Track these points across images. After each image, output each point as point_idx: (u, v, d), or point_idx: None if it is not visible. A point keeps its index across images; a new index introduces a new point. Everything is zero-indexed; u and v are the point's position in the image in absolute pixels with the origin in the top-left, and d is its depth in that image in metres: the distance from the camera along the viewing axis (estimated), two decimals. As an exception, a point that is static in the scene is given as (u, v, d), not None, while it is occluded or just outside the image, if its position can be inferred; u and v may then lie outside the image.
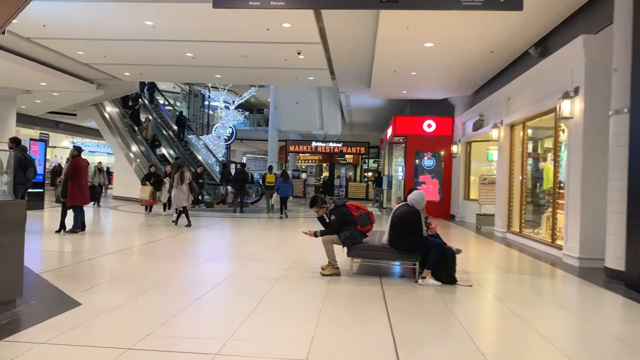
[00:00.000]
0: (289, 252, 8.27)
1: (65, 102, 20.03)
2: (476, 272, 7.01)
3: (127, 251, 7.71)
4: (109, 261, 6.84)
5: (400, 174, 18.07)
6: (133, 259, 7.17)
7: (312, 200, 6.50)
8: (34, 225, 10.61)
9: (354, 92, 18.16)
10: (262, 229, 12.33)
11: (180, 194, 11.14)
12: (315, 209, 6.49)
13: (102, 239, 9.12)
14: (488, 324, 4.88)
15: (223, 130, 25.20)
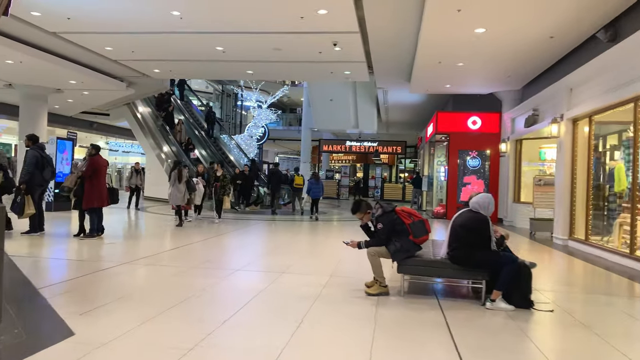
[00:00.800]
0: (325, 263, 7.28)
1: (97, 101, 19.66)
2: (548, 291, 5.85)
3: (147, 260, 6.88)
4: (123, 272, 6.01)
5: (442, 175, 16.85)
6: (151, 270, 6.32)
7: (355, 205, 5.47)
8: (58, 228, 9.99)
9: (392, 88, 17.05)
10: (296, 234, 11.40)
11: (177, 193, 10.89)
12: (359, 215, 5.46)
13: (121, 244, 8.35)
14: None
15: (255, 129, 24.46)
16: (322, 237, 10.73)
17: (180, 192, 10.90)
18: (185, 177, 11.15)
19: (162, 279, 5.75)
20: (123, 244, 8.38)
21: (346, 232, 12.02)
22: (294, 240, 10.13)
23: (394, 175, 34.04)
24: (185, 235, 9.77)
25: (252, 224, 12.72)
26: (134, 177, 16.42)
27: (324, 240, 10.17)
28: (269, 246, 9.08)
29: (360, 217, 5.46)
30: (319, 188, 15.33)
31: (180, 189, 10.92)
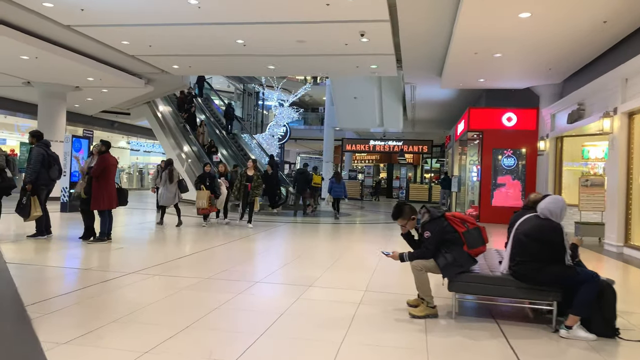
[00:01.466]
0: (357, 274, 6.39)
1: (116, 99, 19.16)
2: (630, 312, 4.86)
3: (157, 269, 6.11)
4: (128, 285, 5.24)
5: (474, 175, 15.80)
6: (160, 281, 5.53)
7: (397, 210, 4.57)
8: (70, 230, 9.33)
9: (421, 83, 16.07)
10: (322, 238, 10.56)
11: (167, 193, 10.78)
12: (401, 221, 4.57)
13: (130, 250, 7.57)
14: None
15: (277, 128, 23.72)
16: (350, 241, 9.85)
17: (171, 193, 10.72)
18: (177, 178, 10.93)
19: (171, 293, 4.96)
20: (134, 250, 7.64)
21: (375, 236, 11.13)
22: (321, 245, 9.28)
23: (418, 175, 32.92)
24: (203, 239, 9.01)
25: (275, 227, 11.92)
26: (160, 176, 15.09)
27: (353, 245, 9.28)
28: (294, 252, 8.24)
29: (403, 223, 4.56)
30: (341, 188, 15.03)
31: (171, 189, 10.72)
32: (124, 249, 7.54)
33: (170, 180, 10.83)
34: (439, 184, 26.40)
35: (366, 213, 18.25)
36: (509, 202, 14.59)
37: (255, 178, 11.58)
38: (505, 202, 14.88)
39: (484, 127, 15.13)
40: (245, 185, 11.45)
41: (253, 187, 11.46)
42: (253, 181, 11.49)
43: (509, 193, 14.82)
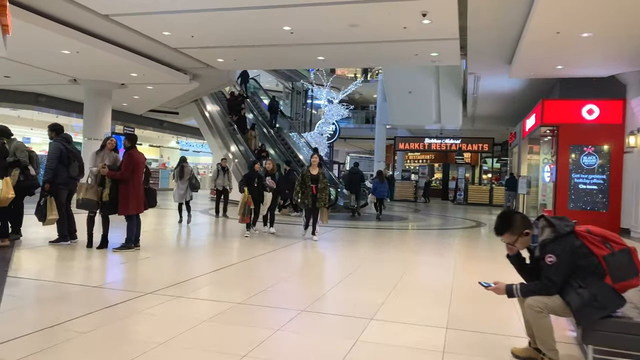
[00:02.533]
0: (432, 301, 4.96)
1: (162, 97, 18.53)
2: None
3: (179, 288, 4.96)
4: (135, 312, 4.10)
5: (547, 175, 13.92)
6: (178, 306, 4.35)
7: (504, 221, 3.16)
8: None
9: (487, 73, 14.35)
10: (378, 248, 9.20)
11: (179, 190, 10.71)
12: (509, 237, 3.14)
13: (156, 261, 6.48)
14: None
15: (326, 126, 22.49)
16: (413, 252, 8.41)
17: (182, 190, 10.62)
18: (189, 174, 10.75)
19: (188, 327, 3.75)
20: (160, 260, 6.55)
21: (441, 246, 9.64)
22: (377, 257, 7.85)
23: (476, 176, 30.76)
24: (242, 247, 7.85)
25: (328, 232, 10.66)
26: (221, 177, 13.36)
27: (417, 258, 7.82)
28: (346, 267, 6.91)
29: (511, 240, 3.15)
30: (384, 188, 14.65)
31: (181, 186, 10.60)
32: (150, 258, 6.49)
33: (181, 176, 10.71)
34: (501, 185, 24.32)
35: (423, 217, 16.68)
36: (590, 205, 12.68)
37: (321, 178, 9.11)
38: (585, 205, 12.97)
39: (559, 121, 13.25)
40: (310, 187, 8.96)
41: (319, 189, 9.02)
42: (319, 182, 9.02)
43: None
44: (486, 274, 6.28)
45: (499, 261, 7.81)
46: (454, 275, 6.02)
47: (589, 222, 3.60)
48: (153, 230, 10.07)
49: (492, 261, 7.52)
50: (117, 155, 6.83)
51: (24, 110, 19.57)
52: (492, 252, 8.86)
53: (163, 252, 7.05)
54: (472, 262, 7.33)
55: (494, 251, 8.94)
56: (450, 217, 16.29)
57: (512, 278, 3.28)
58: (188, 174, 10.89)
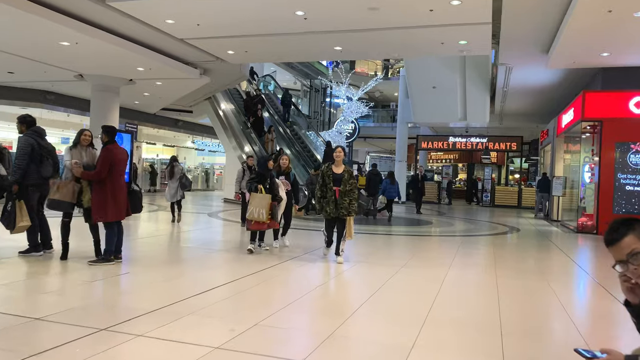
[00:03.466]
0: (478, 340, 3.80)
1: (173, 93, 17.65)
2: None
3: (150, 319, 3.85)
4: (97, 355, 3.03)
5: (587, 175, 12.50)
6: (137, 354, 3.28)
7: (616, 229, 1.87)
8: (83, 242, 7.47)
9: (520, 63, 13.01)
10: (400, 258, 8.04)
11: (169, 190, 10.82)
12: (629, 243, 1.84)
13: (134, 279, 5.40)
14: None
15: (345, 125, 21.33)
16: (444, 265, 7.17)
17: (172, 189, 10.65)
18: (179, 174, 10.72)
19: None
20: (139, 278, 5.44)
21: (475, 257, 8.40)
22: (404, 276, 6.37)
23: (502, 176, 29.15)
24: (243, 262, 6.70)
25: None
26: (247, 178, 11.47)
27: (451, 274, 6.56)
28: (363, 288, 5.74)
29: (624, 258, 1.91)
30: (395, 189, 14.36)
31: (172, 185, 10.63)
32: (129, 274, 5.44)
33: (171, 176, 10.75)
34: (531, 186, 22.77)
35: (448, 220, 15.37)
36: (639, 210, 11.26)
37: (347, 178, 6.83)
38: (633, 209, 11.56)
39: (603, 116, 11.85)
40: (333, 191, 6.74)
41: (343, 192, 6.74)
42: (343, 183, 6.77)
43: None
44: (544, 299, 5.06)
45: (556, 279, 6.60)
46: (500, 301, 4.84)
47: None
48: (148, 236, 9.09)
49: (544, 279, 6.29)
50: (95, 152, 5.81)
51: (34, 109, 18.88)
52: (540, 266, 7.60)
53: (147, 266, 5.95)
54: (519, 282, 6.10)
55: (542, 264, 7.68)
56: (478, 221, 14.96)
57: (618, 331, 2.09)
58: (178, 174, 10.84)
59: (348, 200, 6.68)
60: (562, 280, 6.74)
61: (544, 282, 6.03)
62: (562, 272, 7.33)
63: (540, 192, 16.87)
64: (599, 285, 6.11)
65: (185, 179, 10.92)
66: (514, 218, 16.75)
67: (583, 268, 7.82)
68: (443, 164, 28.88)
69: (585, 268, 7.89)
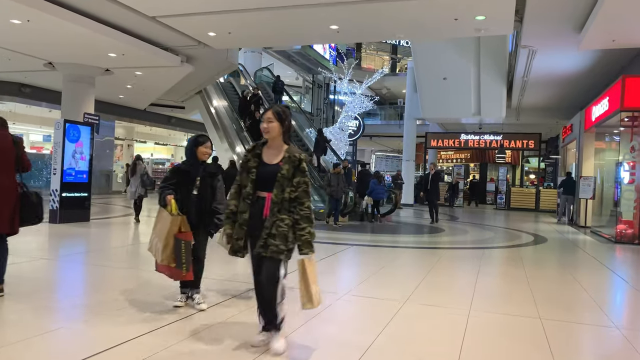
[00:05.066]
0: None
1: (157, 85, 15.93)
2: None
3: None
4: None
5: (626, 175, 10.52)
6: None
7: None
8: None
9: (546, 45, 11.11)
10: (416, 306, 6.21)
11: (131, 188, 10.68)
12: None
13: (16, 307, 3.64)
14: None
15: (348, 121, 19.46)
16: (468, 300, 5.31)
17: (133, 187, 10.51)
18: (140, 172, 10.56)
19: None
20: (21, 307, 3.69)
21: (502, 281, 6.53)
22: (407, 320, 4.80)
23: (517, 177, 27.08)
24: (151, 319, 4.70)
25: (340, 250, 7.72)
26: None
27: (476, 312, 4.71)
28: (360, 331, 3.92)
29: None
30: (382, 189, 13.52)
31: (133, 183, 10.51)
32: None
33: (132, 174, 10.66)
34: (551, 188, 20.77)
35: (461, 226, 13.48)
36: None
37: (287, 172, 3.13)
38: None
39: (648, 105, 9.91)
40: (258, 200, 3.21)
41: (276, 204, 3.12)
42: (279, 183, 3.12)
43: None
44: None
45: (624, 319, 4.62)
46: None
47: None
48: (73, 253, 7.32)
49: (608, 319, 4.43)
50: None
51: (10, 104, 17.30)
52: (594, 296, 5.71)
53: (31, 295, 4.17)
54: (574, 327, 4.25)
55: (596, 294, 5.78)
56: (495, 227, 13.04)
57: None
58: (140, 172, 10.68)
59: (286, 224, 3.12)
60: (633, 319, 4.89)
61: (609, 325, 4.17)
62: (627, 306, 5.49)
63: (564, 194, 14.89)
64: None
65: (147, 178, 10.78)
66: (535, 223, 14.80)
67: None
68: (455, 163, 26.90)
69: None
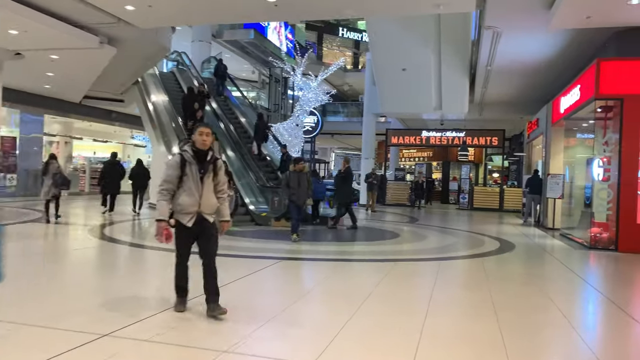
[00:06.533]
0: None
1: (81, 72, 13.89)
2: None
3: None
4: None
5: (599, 172, 9.21)
6: None
7: None
8: None
9: (512, 25, 9.73)
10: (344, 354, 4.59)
11: (44, 187, 10.12)
12: None
13: None
14: None
15: (302, 116, 17.73)
16: (414, 344, 3.77)
17: (45, 187, 10.05)
18: (54, 171, 10.00)
19: None
20: None
21: (467, 315, 5.00)
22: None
23: (480, 176, 26.06)
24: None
25: (257, 269, 6.05)
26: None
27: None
28: None
29: None
30: (322, 188, 12.16)
31: (46, 182, 10.04)
32: None
33: (44, 173, 10.20)
34: (515, 187, 19.64)
35: (423, 230, 12.03)
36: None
37: None
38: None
39: (625, 92, 8.62)
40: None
41: None
42: None
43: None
44: None
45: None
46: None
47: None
48: None
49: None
50: None
51: None
52: (579, 335, 4.23)
53: None
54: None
55: (581, 330, 4.30)
56: (457, 231, 11.62)
57: None
58: (52, 171, 10.01)
59: None
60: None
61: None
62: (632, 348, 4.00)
63: (530, 193, 13.65)
64: None
65: (59, 177, 10.09)
66: (499, 225, 13.51)
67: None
68: (417, 161, 25.62)
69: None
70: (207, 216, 3.92)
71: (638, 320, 4.59)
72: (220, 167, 4.05)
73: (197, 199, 3.84)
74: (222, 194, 4.06)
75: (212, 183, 3.97)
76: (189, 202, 3.83)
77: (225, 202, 4.11)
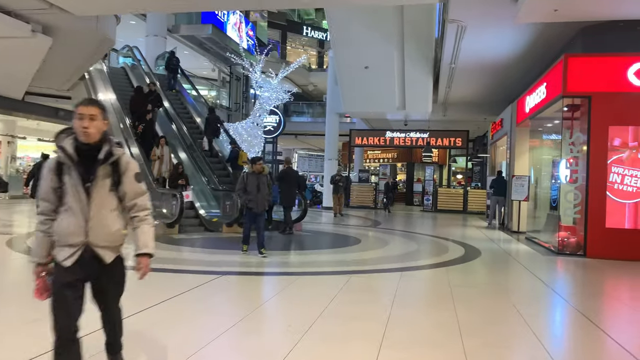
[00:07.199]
0: None
1: (14, 64, 12.55)
2: None
3: None
4: None
5: (566, 173, 8.76)
6: None
7: None
8: None
9: (477, 18, 9.19)
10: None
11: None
12: None
13: None
14: None
15: (262, 115, 16.85)
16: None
17: None
18: None
19: None
20: None
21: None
22: None
23: (444, 177, 25.81)
24: None
25: (191, 288, 5.19)
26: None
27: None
28: None
29: None
30: (274, 191, 10.12)
31: None
32: None
33: None
34: (478, 188, 19.35)
35: (385, 235, 11.39)
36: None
37: None
38: (635, 222, 8.03)
39: (593, 89, 8.21)
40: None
41: None
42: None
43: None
44: None
45: None
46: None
47: None
48: None
49: None
50: None
51: None
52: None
53: None
54: None
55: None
56: (420, 236, 11.03)
57: None
58: None
59: None
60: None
61: None
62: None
63: (494, 194, 13.24)
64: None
65: None
66: (464, 228, 13.04)
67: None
68: (382, 163, 25.12)
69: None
70: (102, 251, 2.45)
71: (608, 334, 4.04)
72: (126, 168, 2.54)
73: (82, 222, 2.40)
74: (137, 212, 2.56)
75: (113, 196, 2.50)
76: (67, 229, 2.40)
77: (143, 226, 2.56)
